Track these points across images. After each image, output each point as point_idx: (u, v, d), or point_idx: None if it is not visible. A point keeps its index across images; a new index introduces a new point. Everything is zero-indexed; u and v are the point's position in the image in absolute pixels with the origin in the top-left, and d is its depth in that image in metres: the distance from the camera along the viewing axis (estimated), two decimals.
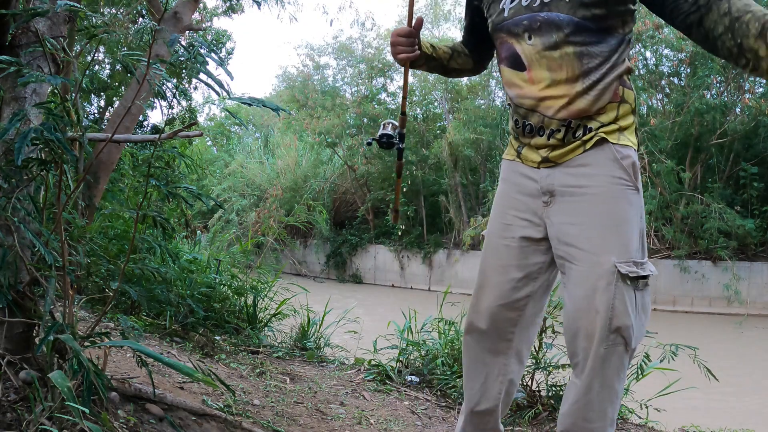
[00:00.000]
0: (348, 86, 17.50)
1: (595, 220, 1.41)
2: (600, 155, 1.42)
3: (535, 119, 1.47)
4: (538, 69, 1.41)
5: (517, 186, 1.57)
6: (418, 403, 2.69)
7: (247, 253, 5.71)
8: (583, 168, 1.43)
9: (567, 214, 1.45)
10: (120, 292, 2.10)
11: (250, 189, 16.86)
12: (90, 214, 3.88)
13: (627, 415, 2.66)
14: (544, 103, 1.43)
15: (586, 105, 1.40)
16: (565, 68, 1.38)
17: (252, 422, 2.02)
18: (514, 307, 1.57)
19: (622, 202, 1.41)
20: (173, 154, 2.28)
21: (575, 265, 1.43)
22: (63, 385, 1.17)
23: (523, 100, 1.48)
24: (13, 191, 1.41)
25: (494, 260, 1.59)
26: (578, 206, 1.44)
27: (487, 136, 13.89)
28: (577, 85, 1.38)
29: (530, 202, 1.53)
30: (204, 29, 10.27)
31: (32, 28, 1.57)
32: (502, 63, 1.52)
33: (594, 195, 1.42)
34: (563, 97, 1.40)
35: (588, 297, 1.40)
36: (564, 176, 1.46)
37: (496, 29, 1.50)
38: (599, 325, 1.38)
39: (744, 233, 10.65)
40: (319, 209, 14.44)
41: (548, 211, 1.49)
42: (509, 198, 1.60)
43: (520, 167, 1.57)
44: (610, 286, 1.37)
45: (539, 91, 1.42)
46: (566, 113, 1.41)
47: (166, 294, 3.13)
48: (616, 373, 1.42)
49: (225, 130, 23.95)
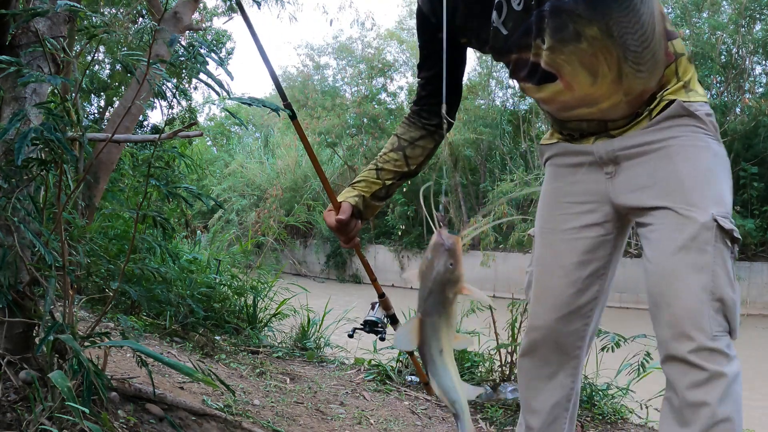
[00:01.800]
0: (348, 86, 17.51)
1: (680, 172, 1.13)
2: (670, 114, 1.17)
3: (594, 126, 1.24)
4: (571, 70, 1.16)
5: (568, 167, 1.31)
6: (418, 403, 2.69)
7: (247, 253, 5.71)
8: (652, 127, 1.19)
9: (641, 175, 1.18)
10: (120, 292, 2.10)
11: (250, 189, 16.86)
12: (90, 214, 3.87)
13: (627, 415, 2.66)
14: (598, 106, 1.19)
15: (645, 85, 1.17)
16: (600, 55, 1.13)
17: (252, 422, 2.02)
18: (581, 314, 1.30)
19: (705, 152, 1.15)
20: (173, 154, 2.28)
21: (660, 227, 1.14)
22: (63, 385, 1.17)
23: (569, 113, 1.25)
24: (13, 191, 1.41)
25: (551, 261, 1.33)
26: (654, 163, 1.17)
27: (487, 136, 13.91)
28: (625, 67, 1.14)
29: (588, 181, 1.28)
30: (204, 29, 10.27)
31: (32, 28, 1.57)
32: (524, 83, 1.27)
33: (671, 147, 1.16)
34: (617, 92, 1.16)
35: (682, 258, 1.09)
36: (627, 140, 1.21)
37: (503, 52, 1.24)
38: (697, 298, 1.07)
39: (744, 233, 10.64)
40: (319, 209, 14.44)
41: (614, 183, 1.23)
42: (560, 184, 1.34)
43: (568, 146, 1.32)
44: (708, 246, 1.08)
45: (584, 95, 1.18)
46: (628, 108, 1.19)
47: (166, 294, 3.12)
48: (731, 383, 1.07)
49: (225, 130, 23.94)
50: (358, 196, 1.35)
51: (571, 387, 1.34)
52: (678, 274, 1.10)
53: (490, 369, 2.91)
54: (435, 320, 0.81)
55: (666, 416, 1.14)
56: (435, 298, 0.81)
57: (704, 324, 1.07)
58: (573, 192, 1.30)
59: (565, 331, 1.30)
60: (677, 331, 1.09)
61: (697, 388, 1.07)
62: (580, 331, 1.31)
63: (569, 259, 1.29)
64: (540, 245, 1.36)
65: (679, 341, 1.08)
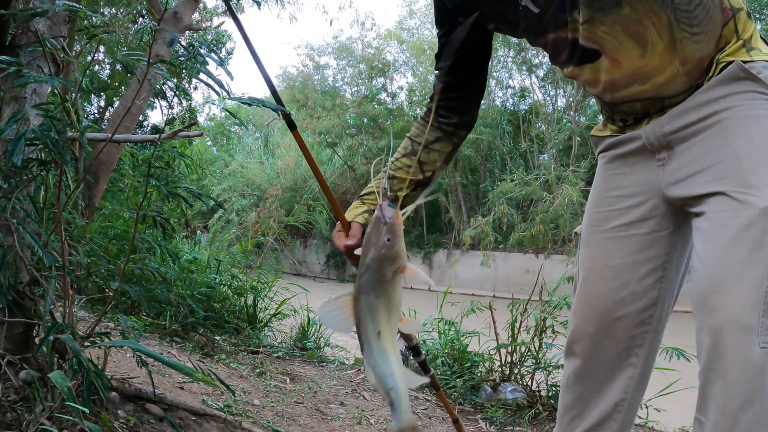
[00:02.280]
0: (348, 86, 17.52)
1: (736, 149, 0.96)
2: (726, 77, 1.00)
3: (648, 105, 1.09)
4: (615, 43, 1.01)
5: (618, 159, 1.18)
6: (418, 403, 2.69)
7: (247, 253, 5.71)
8: (705, 94, 1.02)
9: (693, 160, 1.02)
10: (120, 292, 2.10)
11: (250, 189, 16.88)
12: (90, 214, 3.87)
13: None
14: (652, 81, 1.04)
15: (703, 50, 1.01)
16: (647, 20, 0.98)
17: (252, 422, 2.02)
18: (639, 320, 1.14)
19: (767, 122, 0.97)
20: (173, 154, 2.28)
21: (715, 214, 0.96)
22: (63, 385, 1.17)
23: (619, 94, 1.10)
24: (13, 191, 1.41)
25: (600, 262, 1.18)
26: (707, 142, 1.00)
27: (487, 136, 13.92)
28: (677, 31, 0.98)
29: (638, 171, 1.14)
30: (205, 29, 10.27)
31: (32, 28, 1.57)
32: (566, 67, 1.13)
33: (727, 120, 0.98)
34: (672, 62, 1.01)
35: (733, 253, 0.91)
36: (678, 117, 1.05)
37: (538, 33, 1.09)
38: (749, 302, 0.88)
39: None
40: (319, 209, 14.45)
41: (666, 171, 1.08)
42: (608, 177, 1.21)
43: (620, 138, 1.18)
44: (766, 236, 0.89)
45: (634, 70, 1.03)
46: (688, 79, 1.03)
47: (166, 294, 3.13)
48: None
49: (225, 130, 23.95)
50: (368, 212, 1.20)
51: (622, 397, 1.18)
52: (730, 272, 0.91)
53: (490, 369, 2.91)
54: (372, 299, 0.74)
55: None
56: (372, 276, 0.74)
57: (754, 333, 0.88)
58: (621, 185, 1.17)
59: (619, 338, 1.15)
60: (718, 341, 0.91)
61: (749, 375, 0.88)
62: (638, 338, 1.15)
63: (619, 260, 1.15)
64: (587, 245, 1.22)
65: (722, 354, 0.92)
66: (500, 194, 13.19)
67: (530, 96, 15.66)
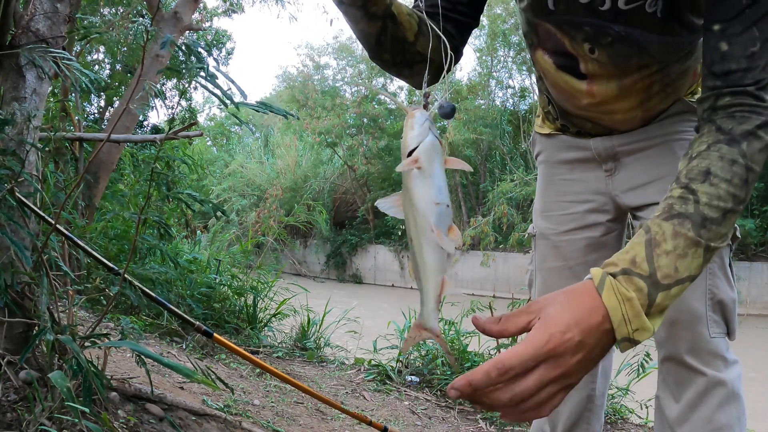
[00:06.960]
0: (348, 86, 17.52)
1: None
2: (673, 111, 1.12)
3: (598, 129, 1.17)
4: (604, 84, 1.07)
5: (565, 164, 1.26)
6: (418, 403, 2.69)
7: (247, 253, 5.71)
8: (653, 123, 1.13)
9: (642, 172, 1.13)
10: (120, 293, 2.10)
11: (250, 189, 16.88)
12: (90, 214, 3.87)
13: (627, 415, 2.66)
14: (611, 116, 1.12)
15: (666, 105, 1.11)
16: (642, 82, 1.06)
17: (252, 422, 2.02)
18: None
19: None
20: (176, 155, 2.28)
21: None
22: (63, 385, 1.17)
23: (577, 110, 1.16)
24: (13, 191, 1.41)
25: (559, 262, 1.27)
26: (656, 157, 1.12)
27: (487, 137, 13.92)
28: (655, 91, 1.07)
29: (587, 179, 1.23)
30: (204, 29, 10.27)
31: (32, 28, 1.57)
32: (544, 55, 1.10)
33: (676, 142, 1.10)
34: (636, 108, 1.10)
35: None
36: (627, 136, 1.15)
37: (535, 15, 1.05)
38: (694, 300, 1.04)
39: (744, 233, 10.64)
40: (319, 209, 14.45)
41: (614, 181, 1.18)
42: (558, 180, 1.27)
43: (564, 139, 1.25)
44: None
45: (603, 104, 1.10)
46: (640, 122, 1.13)
47: (166, 294, 3.12)
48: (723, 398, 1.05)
49: (225, 130, 23.95)
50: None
51: (591, 388, 1.29)
52: None
53: None
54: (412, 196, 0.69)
55: (660, 419, 1.12)
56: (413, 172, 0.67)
57: (702, 326, 1.04)
58: (571, 191, 1.25)
59: None
60: (674, 333, 1.06)
61: (694, 394, 1.05)
62: None
63: (576, 261, 1.24)
64: (543, 247, 1.30)
65: (677, 343, 1.06)
66: (500, 194, 13.19)
67: (530, 96, 15.66)
